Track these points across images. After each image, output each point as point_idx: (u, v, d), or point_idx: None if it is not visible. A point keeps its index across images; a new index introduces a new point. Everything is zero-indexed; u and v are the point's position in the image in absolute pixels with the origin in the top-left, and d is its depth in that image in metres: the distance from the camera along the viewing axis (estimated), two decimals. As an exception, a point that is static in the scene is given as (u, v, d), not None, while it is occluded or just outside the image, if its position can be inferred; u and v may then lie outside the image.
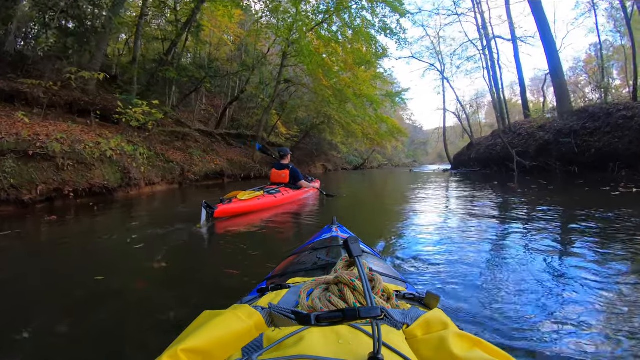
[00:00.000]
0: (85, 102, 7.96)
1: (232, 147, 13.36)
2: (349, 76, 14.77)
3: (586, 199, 5.63)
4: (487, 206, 5.21)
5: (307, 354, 0.47)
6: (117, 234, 3.37)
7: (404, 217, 4.40)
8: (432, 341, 0.53)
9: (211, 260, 2.62)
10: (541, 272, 2.11)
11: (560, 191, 6.90)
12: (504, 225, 3.67)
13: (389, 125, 18.79)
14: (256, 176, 11.99)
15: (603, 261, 2.28)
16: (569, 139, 10.45)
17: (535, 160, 11.88)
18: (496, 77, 17.67)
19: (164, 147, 8.98)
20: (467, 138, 23.02)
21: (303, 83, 14.87)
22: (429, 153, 63.92)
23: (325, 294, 0.62)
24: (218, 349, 0.46)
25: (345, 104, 15.48)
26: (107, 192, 5.95)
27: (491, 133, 17.68)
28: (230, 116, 16.72)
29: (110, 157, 6.04)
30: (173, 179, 8.52)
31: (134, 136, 7.73)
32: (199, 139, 10.80)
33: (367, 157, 31.29)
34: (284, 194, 5.01)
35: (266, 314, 0.53)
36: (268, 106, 13.53)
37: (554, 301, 1.69)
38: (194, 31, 11.23)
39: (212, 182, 10.03)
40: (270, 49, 14.69)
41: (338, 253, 1.25)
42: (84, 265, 2.45)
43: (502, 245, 2.86)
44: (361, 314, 0.46)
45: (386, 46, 14.49)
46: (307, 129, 18.62)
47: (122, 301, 1.79)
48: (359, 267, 0.59)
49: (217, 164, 10.36)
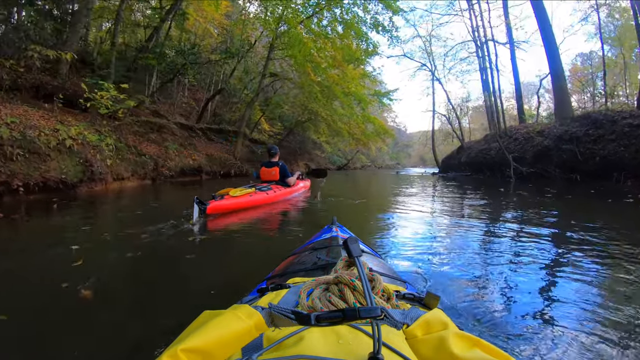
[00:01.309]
0: (53, 87, 7.15)
1: (212, 142, 12.69)
2: (338, 73, 14.26)
3: (613, 211, 5.23)
4: (488, 210, 5.03)
5: (307, 354, 0.47)
6: (64, 236, 2.80)
7: (404, 217, 4.32)
8: (432, 341, 0.52)
9: (211, 260, 2.46)
10: (542, 273, 2.14)
11: (579, 200, 6.49)
12: (507, 229, 3.56)
13: (376, 126, 18.43)
14: (237, 174, 11.35)
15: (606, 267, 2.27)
16: (571, 145, 10.10)
17: (533, 166, 11.46)
18: (493, 79, 17.31)
19: (137, 139, 8.25)
20: (453, 141, 22.93)
21: (289, 77, 14.22)
22: (412, 156, 64.36)
23: (325, 294, 0.61)
24: (218, 349, 0.46)
25: (332, 101, 14.96)
26: (65, 188, 5.22)
27: (484, 137, 17.39)
28: (213, 110, 16.03)
29: (69, 147, 5.31)
30: (145, 173, 7.81)
31: (103, 125, 7.00)
32: (177, 132, 10.06)
33: (351, 158, 30.87)
34: (276, 191, 4.99)
35: (266, 314, 0.53)
36: (252, 100, 12.91)
37: (553, 302, 1.72)
38: (179, 19, 10.49)
39: (188, 178, 9.34)
40: (257, 41, 14.02)
41: (338, 253, 1.23)
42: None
43: (504, 248, 2.80)
44: (361, 314, 0.45)
45: (377, 43, 13.98)
46: (291, 126, 17.97)
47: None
48: (359, 267, 0.59)
49: (195, 160, 9.66)
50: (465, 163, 16.47)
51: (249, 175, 11.98)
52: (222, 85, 13.58)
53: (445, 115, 21.15)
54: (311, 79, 12.95)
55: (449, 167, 18.67)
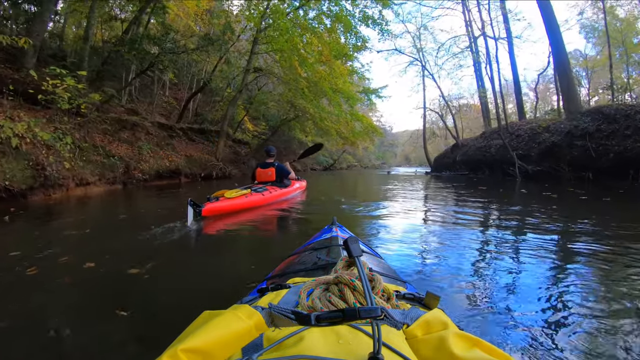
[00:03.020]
0: (14, 80, 6.20)
1: (194, 143, 11.86)
2: (325, 69, 13.53)
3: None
4: (493, 211, 4.84)
5: (307, 354, 0.47)
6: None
7: (404, 218, 4.23)
8: (432, 341, 0.52)
9: (211, 261, 2.44)
10: (543, 275, 2.11)
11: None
12: (512, 231, 3.47)
13: (364, 124, 17.73)
14: (219, 176, 10.53)
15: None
16: (582, 141, 9.53)
17: (539, 164, 10.81)
18: (492, 72, 16.73)
19: (106, 138, 7.40)
20: (438, 140, 22.44)
21: (274, 72, 13.39)
22: (397, 155, 64.19)
23: (325, 294, 0.60)
24: (218, 349, 0.46)
25: (320, 98, 14.21)
26: (10, 196, 4.37)
27: (481, 134, 16.69)
28: (195, 110, 15.23)
29: (16, 148, 4.46)
30: (115, 177, 6.95)
31: (64, 122, 6.12)
32: (152, 130, 9.18)
33: (338, 158, 30.14)
34: (272, 192, 4.90)
35: (266, 314, 0.53)
36: (235, 97, 12.09)
37: (554, 303, 1.69)
38: (158, 13, 9.61)
39: (165, 181, 8.50)
40: (240, 34, 13.20)
41: (338, 253, 1.21)
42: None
43: (507, 249, 2.75)
44: (361, 314, 0.45)
45: (367, 37, 13.39)
46: (276, 125, 17.14)
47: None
48: (359, 267, 0.58)
49: (172, 161, 8.83)
50: (461, 162, 15.78)
51: (232, 177, 11.24)
52: (205, 80, 12.65)
53: (437, 112, 20.46)
54: (298, 72, 12.14)
55: (443, 166, 17.94)
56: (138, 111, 10.55)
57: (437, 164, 19.20)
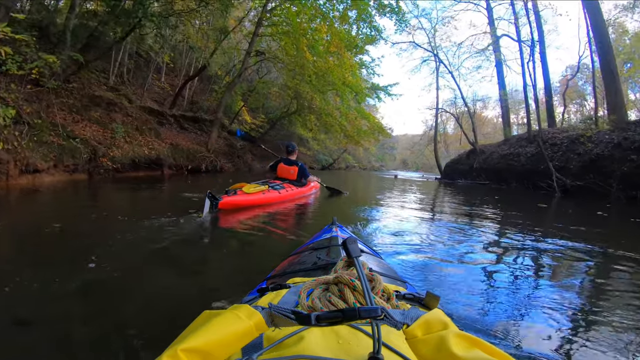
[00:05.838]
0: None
1: (185, 131, 10.50)
2: (334, 60, 12.17)
3: None
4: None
5: (307, 353, 0.47)
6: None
7: (404, 219, 4.17)
8: (432, 341, 0.52)
9: (211, 260, 2.34)
10: (545, 284, 2.07)
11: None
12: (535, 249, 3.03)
13: (371, 123, 16.36)
14: (208, 169, 9.15)
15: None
16: (637, 155, 8.09)
17: (580, 178, 9.32)
18: (524, 72, 14.65)
19: (70, 116, 6.02)
20: (440, 145, 20.88)
21: (278, 57, 11.94)
22: (396, 158, 62.87)
23: (325, 294, 0.59)
24: (218, 349, 0.44)
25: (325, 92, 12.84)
26: None
27: (503, 140, 15.07)
28: (190, 97, 13.81)
29: None
30: (77, 165, 5.57)
31: (11, 90, 4.75)
32: (133, 112, 7.75)
33: (338, 157, 28.68)
34: (288, 191, 4.83)
35: (266, 314, 0.51)
36: (232, 82, 10.70)
37: (554, 304, 1.67)
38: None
39: (144, 173, 7.09)
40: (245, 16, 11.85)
41: (338, 253, 1.19)
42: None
43: (511, 258, 2.62)
44: (361, 314, 0.44)
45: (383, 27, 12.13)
46: (275, 118, 15.73)
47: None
48: (358, 267, 0.57)
49: (153, 149, 7.38)
50: (479, 169, 14.08)
51: (224, 171, 9.87)
52: (201, 67, 11.25)
53: (453, 115, 18.87)
54: (306, 57, 10.73)
55: (456, 173, 16.14)
56: (129, 96, 9.09)
57: (449, 170, 17.38)
